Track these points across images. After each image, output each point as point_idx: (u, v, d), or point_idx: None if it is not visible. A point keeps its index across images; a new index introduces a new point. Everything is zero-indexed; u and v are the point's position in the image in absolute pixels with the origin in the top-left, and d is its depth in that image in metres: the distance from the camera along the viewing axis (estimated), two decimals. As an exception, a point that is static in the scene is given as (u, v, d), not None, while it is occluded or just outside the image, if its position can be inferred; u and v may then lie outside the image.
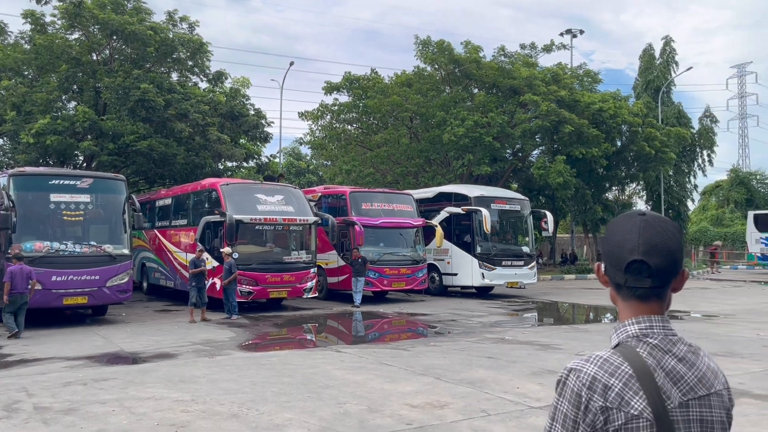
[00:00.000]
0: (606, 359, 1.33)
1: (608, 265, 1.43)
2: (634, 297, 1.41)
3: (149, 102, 20.32)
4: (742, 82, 66.32)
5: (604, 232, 1.49)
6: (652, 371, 1.31)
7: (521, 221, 20.95)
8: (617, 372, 1.31)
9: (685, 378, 1.34)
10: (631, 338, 1.38)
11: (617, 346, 1.38)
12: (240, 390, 7.19)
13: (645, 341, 1.37)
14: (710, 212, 52.89)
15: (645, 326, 1.38)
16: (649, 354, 1.34)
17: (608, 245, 1.43)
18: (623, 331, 1.40)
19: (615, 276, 1.42)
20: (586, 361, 1.35)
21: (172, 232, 17.89)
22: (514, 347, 10.27)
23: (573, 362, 1.37)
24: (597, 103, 26.85)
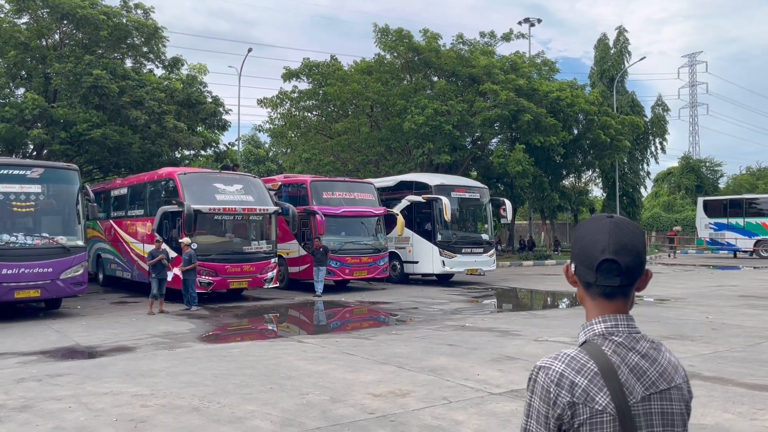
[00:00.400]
0: (573, 357, 1.40)
1: (579, 265, 1.49)
2: (602, 295, 1.47)
3: (102, 89, 19.73)
4: (693, 71, 68.29)
5: (574, 234, 1.52)
6: (616, 368, 1.38)
7: (481, 209, 21.21)
8: (583, 369, 1.38)
9: (647, 373, 1.42)
10: (597, 336, 1.44)
11: (584, 343, 1.45)
12: (201, 383, 7.12)
13: (610, 339, 1.43)
14: (662, 198, 54.51)
15: (610, 325, 1.45)
16: (613, 352, 1.41)
17: (579, 246, 1.49)
18: (590, 329, 1.47)
19: (586, 275, 1.47)
20: (554, 359, 1.41)
21: (129, 222, 17.51)
22: (475, 334, 10.42)
23: (542, 360, 1.43)
24: (555, 92, 27.30)
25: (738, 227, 32.64)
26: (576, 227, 1.55)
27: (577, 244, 1.50)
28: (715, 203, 34.79)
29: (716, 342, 9.47)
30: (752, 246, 32.29)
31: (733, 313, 12.62)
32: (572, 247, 1.53)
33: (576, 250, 1.50)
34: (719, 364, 7.92)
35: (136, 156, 21.87)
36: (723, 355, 8.51)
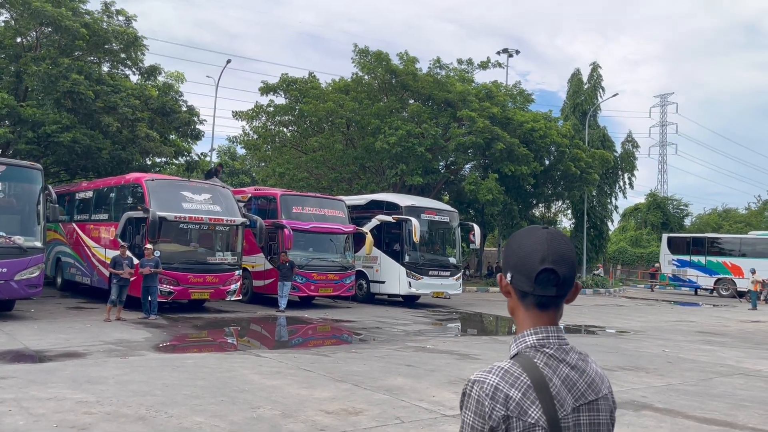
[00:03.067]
0: (507, 370, 1.39)
1: (516, 274, 1.48)
2: (536, 306, 1.47)
3: (78, 94, 19.41)
4: (664, 111, 70.06)
5: (509, 244, 1.52)
6: (547, 381, 1.38)
7: (450, 233, 21.31)
8: (517, 382, 1.37)
9: (577, 385, 1.43)
10: (529, 348, 1.44)
11: (516, 355, 1.44)
12: (150, 392, 6.95)
13: (542, 351, 1.43)
14: (629, 233, 55.44)
15: (542, 336, 1.45)
16: (545, 364, 1.41)
17: (517, 255, 1.48)
18: (522, 341, 1.46)
19: (523, 285, 1.47)
20: (488, 373, 1.40)
21: (92, 226, 17.16)
22: (435, 356, 10.40)
23: (476, 374, 1.41)
24: (529, 123, 27.73)
25: (700, 265, 33.35)
26: (511, 237, 1.54)
27: (514, 254, 1.49)
28: (679, 240, 35.55)
29: (670, 375, 9.59)
30: (713, 284, 32.99)
31: (689, 348, 12.82)
32: (507, 256, 1.52)
33: (513, 260, 1.49)
34: (671, 396, 8.01)
35: (106, 161, 21.52)
36: (676, 387, 8.62)
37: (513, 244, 1.52)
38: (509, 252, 1.51)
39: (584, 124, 37.05)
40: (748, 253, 31.60)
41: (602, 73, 40.80)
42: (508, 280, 1.50)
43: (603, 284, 34.20)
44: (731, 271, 32.18)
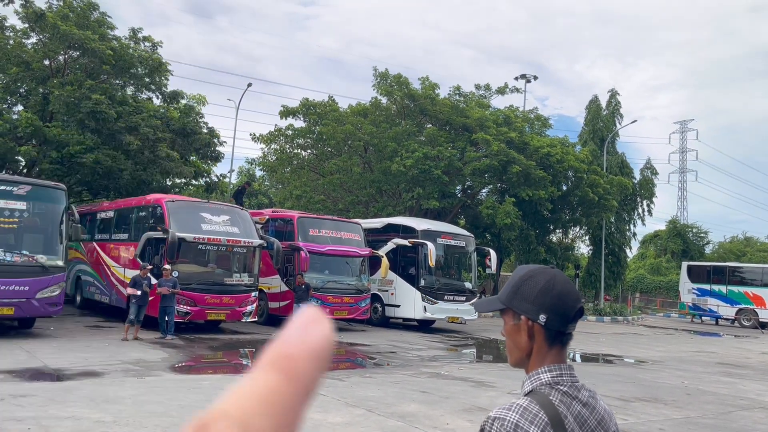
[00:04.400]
0: (525, 408, 1.40)
1: (552, 315, 1.47)
2: (561, 345, 1.51)
3: (101, 114, 19.85)
4: (684, 138, 69.57)
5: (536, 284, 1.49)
6: (563, 418, 1.40)
7: (465, 257, 21.27)
8: (536, 420, 1.38)
9: (588, 422, 1.46)
10: (544, 386, 1.47)
11: (530, 392, 1.47)
12: (166, 413, 7.00)
13: (556, 388, 1.46)
14: (649, 261, 54.81)
15: (557, 374, 1.48)
16: (560, 401, 1.43)
17: (552, 295, 1.47)
18: (536, 378, 1.48)
19: (559, 325, 1.48)
20: (507, 410, 1.41)
21: (112, 246, 17.41)
22: (449, 383, 10.34)
23: (495, 411, 1.42)
24: (545, 147, 27.74)
25: (721, 294, 32.82)
26: (532, 276, 1.51)
27: (548, 294, 1.48)
28: (700, 269, 35.04)
29: (689, 407, 9.45)
30: (734, 314, 32.42)
31: (708, 380, 12.61)
32: (539, 296, 1.48)
33: (549, 300, 1.47)
34: (690, 429, 7.89)
35: (127, 181, 21.87)
36: (694, 420, 8.48)
37: (543, 284, 1.49)
38: (543, 293, 1.48)
39: (602, 150, 36.94)
40: (770, 283, 31.06)
41: (620, 100, 40.80)
42: (541, 322, 1.48)
43: (621, 312, 33.77)
44: (753, 302, 31.61)
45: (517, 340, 1.52)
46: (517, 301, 1.50)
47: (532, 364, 1.52)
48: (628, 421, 8.10)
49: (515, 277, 1.55)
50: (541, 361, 1.50)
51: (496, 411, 1.42)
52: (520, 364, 1.54)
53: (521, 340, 1.51)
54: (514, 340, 1.53)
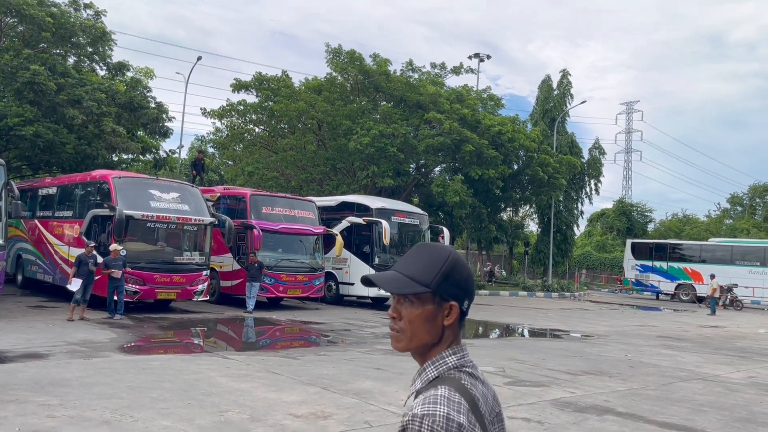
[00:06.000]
0: (448, 398, 1.31)
1: (464, 296, 1.43)
2: (460, 325, 1.44)
3: (39, 85, 18.96)
4: (630, 119, 71.50)
5: (460, 269, 1.43)
6: (477, 401, 1.35)
7: (419, 235, 21.42)
8: (461, 408, 1.31)
9: (488, 399, 1.42)
10: (452, 370, 1.39)
11: (437, 379, 1.38)
12: (115, 395, 6.84)
13: (464, 371, 1.40)
14: (595, 238, 56.46)
15: (460, 356, 1.41)
16: (470, 384, 1.37)
17: (464, 275, 1.44)
18: (442, 363, 1.40)
19: (468, 305, 1.44)
20: (433, 404, 1.29)
21: (55, 223, 16.78)
22: (403, 359, 10.44)
23: (419, 408, 1.30)
24: (497, 126, 28.04)
25: (662, 270, 34.15)
26: (455, 261, 1.43)
27: (470, 278, 1.45)
28: (643, 246, 36.32)
29: (632, 379, 9.82)
30: (673, 289, 33.81)
31: (650, 353, 13.13)
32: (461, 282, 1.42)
33: (469, 284, 1.44)
34: (633, 401, 8.21)
35: (70, 156, 21.06)
36: (637, 392, 8.83)
37: (463, 269, 1.44)
38: (464, 277, 1.43)
39: (553, 130, 37.61)
40: (708, 260, 32.47)
41: (571, 80, 41.56)
42: (465, 307, 1.44)
43: (568, 288, 34.75)
44: (691, 277, 33.02)
45: (431, 326, 1.41)
46: (448, 287, 1.41)
47: (437, 350, 1.43)
48: (575, 394, 8.36)
49: (435, 258, 1.43)
50: (446, 346, 1.42)
51: (421, 407, 1.29)
52: (420, 350, 1.44)
53: (437, 325, 1.41)
54: (428, 325, 1.41)
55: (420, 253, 1.46)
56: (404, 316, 1.43)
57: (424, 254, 1.45)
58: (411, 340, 1.43)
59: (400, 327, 1.44)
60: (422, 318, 1.41)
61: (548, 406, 7.58)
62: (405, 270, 1.43)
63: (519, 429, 6.49)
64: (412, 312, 1.41)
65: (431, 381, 1.38)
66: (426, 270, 1.41)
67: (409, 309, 1.42)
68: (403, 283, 1.41)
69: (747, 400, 8.66)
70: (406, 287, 1.41)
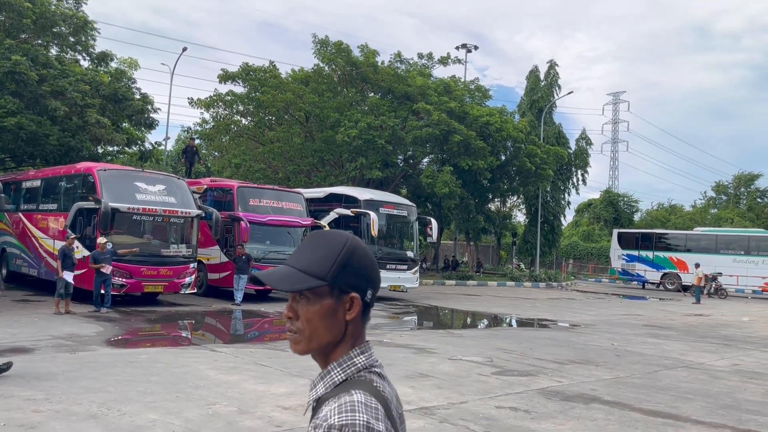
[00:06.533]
0: (366, 404, 1.20)
1: (367, 285, 1.30)
2: (364, 321, 1.32)
3: (20, 75, 18.70)
4: (616, 109, 71.77)
5: (360, 257, 1.29)
6: (389, 404, 1.26)
7: (407, 226, 21.44)
8: (379, 415, 1.20)
9: (394, 400, 1.32)
10: (362, 371, 1.28)
11: (345, 381, 1.26)
12: (102, 389, 6.80)
13: (372, 371, 1.29)
14: (582, 228, 56.81)
15: (368, 355, 1.30)
16: (382, 386, 1.27)
17: (375, 269, 1.32)
18: (351, 364, 1.28)
19: (372, 295, 1.32)
20: (352, 412, 1.17)
21: (40, 216, 16.61)
22: (391, 350, 10.47)
23: (336, 418, 1.15)
24: (484, 117, 28.07)
25: (647, 260, 34.45)
26: (353, 248, 1.29)
27: (372, 267, 1.31)
28: (629, 236, 36.60)
29: (618, 368, 9.91)
30: (659, 278, 34.13)
31: (636, 341, 13.26)
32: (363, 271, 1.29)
33: (373, 274, 1.31)
34: (619, 389, 8.29)
35: (54, 148, 20.82)
36: (623, 380, 8.91)
37: (364, 256, 1.30)
38: (365, 265, 1.30)
39: (540, 121, 37.70)
40: (693, 249, 32.79)
41: (559, 71, 41.63)
42: (368, 299, 1.31)
43: (555, 278, 34.96)
44: (677, 266, 33.34)
45: (332, 323, 1.27)
46: (347, 277, 1.27)
47: (342, 349, 1.29)
48: (562, 383, 8.43)
49: (331, 247, 1.29)
50: (351, 344, 1.30)
51: (338, 417, 1.16)
52: (322, 350, 1.30)
53: (338, 321, 1.28)
54: (328, 322, 1.27)
55: (314, 243, 1.31)
56: (301, 314, 1.28)
57: (318, 244, 1.30)
58: (310, 340, 1.28)
59: (297, 327, 1.29)
60: (321, 314, 1.27)
61: (536, 396, 7.63)
62: (297, 263, 1.28)
63: (506, 418, 6.54)
64: (309, 309, 1.27)
65: (338, 385, 1.26)
66: (321, 261, 1.27)
67: (305, 306, 1.28)
68: (296, 278, 1.27)
69: (731, 388, 8.77)
70: (299, 282, 1.26)
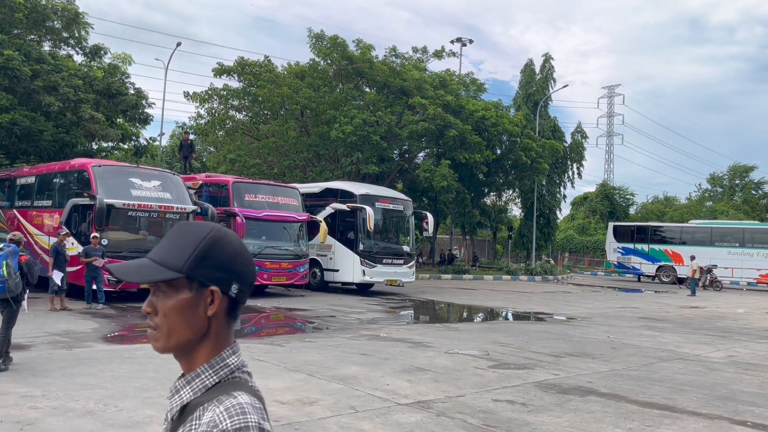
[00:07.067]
0: (253, 405, 1.14)
1: (231, 279, 1.21)
2: (236, 318, 1.26)
3: (13, 71, 18.58)
4: (611, 103, 71.87)
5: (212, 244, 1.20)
6: (264, 404, 1.20)
7: (403, 221, 21.44)
8: (264, 416, 1.16)
9: None
10: (235, 372, 1.22)
11: (219, 385, 1.19)
12: (99, 385, 6.79)
13: (244, 371, 1.23)
14: (577, 221, 56.93)
15: (238, 355, 1.24)
16: (256, 385, 1.23)
17: (245, 261, 1.24)
18: (224, 365, 1.21)
19: (245, 295, 1.24)
20: (242, 414, 1.11)
21: (35, 213, 16.55)
22: (388, 344, 10.49)
23: (228, 423, 1.09)
24: (480, 111, 28.06)
25: (643, 253, 34.55)
26: (217, 239, 1.21)
27: (239, 259, 1.22)
28: (624, 229, 36.70)
29: (615, 360, 9.95)
30: (655, 271, 34.24)
31: (632, 334, 13.30)
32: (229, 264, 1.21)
33: (241, 267, 1.22)
34: (615, 381, 8.32)
35: (48, 144, 20.71)
36: (620, 373, 8.95)
37: (229, 248, 1.22)
38: (229, 257, 1.21)
39: (536, 114, 37.72)
40: (688, 241, 32.90)
41: (554, 64, 41.63)
42: (233, 293, 1.21)
43: (551, 271, 35.05)
44: (672, 259, 33.46)
45: (192, 318, 1.20)
46: (207, 270, 1.19)
47: (207, 348, 1.22)
48: (559, 376, 8.46)
49: (192, 237, 1.21)
50: (220, 343, 1.22)
51: (231, 422, 1.09)
52: (183, 348, 1.21)
53: (198, 317, 1.20)
54: (186, 317, 1.19)
55: (176, 234, 1.23)
56: (159, 309, 1.21)
57: (179, 235, 1.23)
58: (169, 337, 1.20)
59: (156, 323, 1.21)
60: (177, 309, 1.19)
61: (532, 389, 7.66)
62: (156, 255, 1.21)
63: (504, 411, 6.56)
64: (166, 303, 1.20)
65: (210, 389, 1.18)
66: (178, 252, 1.19)
67: (163, 301, 1.21)
68: (149, 270, 1.19)
69: (727, 379, 8.81)
70: (151, 274, 1.18)
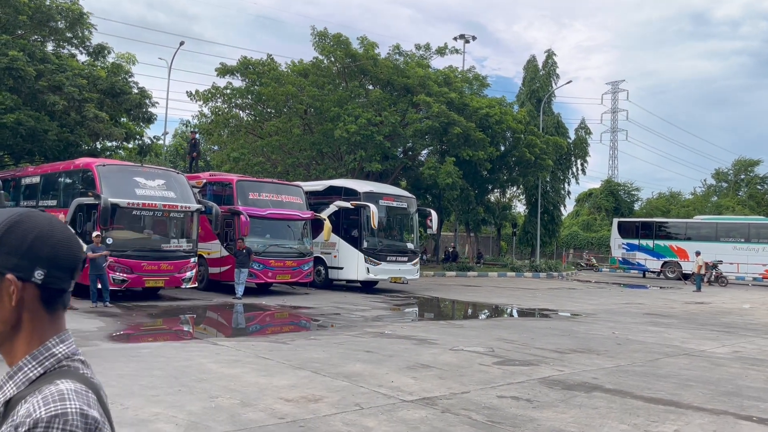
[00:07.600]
0: (76, 391, 1.09)
1: (54, 271, 1.15)
2: (62, 306, 1.20)
3: (18, 71, 18.65)
4: (615, 98, 71.65)
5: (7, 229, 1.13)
6: (100, 391, 1.17)
7: (407, 218, 21.44)
8: (91, 402, 1.10)
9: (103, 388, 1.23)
10: (63, 361, 1.16)
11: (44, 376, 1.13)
12: (105, 383, 6.65)
13: (76, 359, 1.18)
14: (582, 218, 56.79)
15: (68, 343, 1.18)
16: (90, 372, 1.19)
17: (54, 245, 1.16)
18: (49, 355, 1.15)
19: (63, 282, 1.18)
20: (62, 401, 1.06)
21: (39, 213, 16.60)
22: (393, 341, 10.50)
23: (43, 411, 1.03)
24: (484, 108, 28.02)
25: (648, 249, 34.45)
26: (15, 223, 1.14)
27: (46, 243, 1.14)
28: (629, 225, 36.59)
29: (620, 356, 9.93)
30: (660, 267, 34.15)
31: (637, 330, 13.28)
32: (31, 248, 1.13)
33: (47, 251, 1.14)
34: (620, 377, 8.31)
35: (53, 144, 20.80)
36: (624, 369, 8.93)
37: (30, 232, 1.14)
38: (40, 242, 1.14)
39: (539, 111, 37.62)
40: (693, 237, 32.78)
41: (557, 60, 41.67)
42: (37, 280, 1.14)
43: (556, 268, 34.98)
44: (677, 255, 33.35)
45: None
46: (2, 257, 1.12)
47: (25, 340, 1.16)
48: (564, 372, 8.45)
49: None
50: (40, 333, 1.16)
51: (46, 409, 1.04)
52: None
53: (4, 308, 1.14)
54: None
55: None
56: None
57: None
58: None
59: None
60: None
61: (537, 385, 7.66)
62: None
63: (508, 407, 6.56)
64: None
65: (35, 381, 1.12)
66: None
67: None
68: None
69: (732, 374, 8.79)
70: None
